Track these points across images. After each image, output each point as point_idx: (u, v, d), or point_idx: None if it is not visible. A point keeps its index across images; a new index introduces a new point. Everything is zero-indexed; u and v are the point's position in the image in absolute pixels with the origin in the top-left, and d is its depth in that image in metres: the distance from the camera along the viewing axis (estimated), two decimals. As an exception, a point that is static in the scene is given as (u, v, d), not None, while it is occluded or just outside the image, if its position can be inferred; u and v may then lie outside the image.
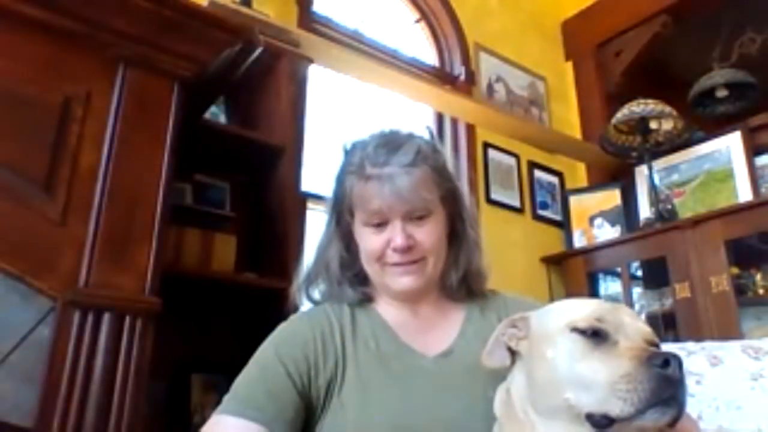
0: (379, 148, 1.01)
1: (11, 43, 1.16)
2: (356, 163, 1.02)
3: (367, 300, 1.08)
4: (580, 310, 0.81)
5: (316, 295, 1.11)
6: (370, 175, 0.99)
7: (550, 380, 0.79)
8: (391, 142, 1.02)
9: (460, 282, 1.08)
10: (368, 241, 1.02)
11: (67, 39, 1.22)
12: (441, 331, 1.06)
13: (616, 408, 0.70)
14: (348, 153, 1.07)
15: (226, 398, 0.95)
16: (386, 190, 0.98)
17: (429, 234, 1.01)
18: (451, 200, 1.07)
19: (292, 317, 1.07)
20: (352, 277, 1.08)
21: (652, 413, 0.69)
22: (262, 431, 0.90)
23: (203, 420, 0.99)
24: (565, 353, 0.77)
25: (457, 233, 1.08)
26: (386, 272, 1.02)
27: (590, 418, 0.73)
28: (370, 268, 1.05)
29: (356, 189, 1.02)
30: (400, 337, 1.03)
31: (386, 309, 1.07)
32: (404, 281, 1.02)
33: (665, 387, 0.70)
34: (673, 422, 0.71)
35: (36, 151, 1.14)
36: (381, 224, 1.00)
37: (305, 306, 1.13)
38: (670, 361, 0.71)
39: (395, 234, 0.99)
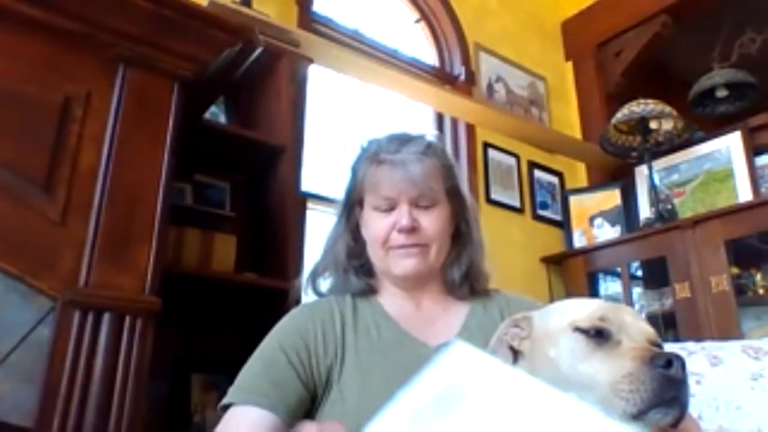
0: (393, 139, 1.09)
1: (11, 43, 1.16)
2: (370, 151, 1.09)
3: (370, 292, 1.11)
4: (583, 309, 0.81)
5: (323, 288, 1.14)
6: (383, 159, 1.06)
7: (552, 380, 0.78)
8: (404, 136, 1.10)
9: (463, 279, 1.10)
10: (375, 224, 1.06)
11: (67, 39, 1.22)
12: (443, 323, 1.07)
13: (618, 408, 0.70)
14: (364, 148, 1.13)
15: (231, 390, 0.97)
16: (397, 174, 1.03)
17: (434, 221, 1.05)
18: (456, 198, 1.10)
19: (293, 310, 1.10)
20: (359, 266, 1.11)
21: (654, 414, 0.69)
22: (269, 416, 0.92)
23: (203, 420, 0.99)
24: (568, 353, 0.77)
25: (462, 233, 1.12)
26: (389, 256, 1.05)
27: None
28: (375, 254, 1.08)
29: (368, 174, 1.07)
30: (402, 327, 1.05)
31: (389, 300, 1.09)
32: (406, 264, 1.04)
33: (668, 387, 0.69)
34: (676, 423, 0.71)
35: (36, 151, 1.14)
36: (389, 210, 1.05)
37: (310, 298, 1.14)
38: (672, 361, 0.70)
39: (401, 215, 1.03)
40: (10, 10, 1.15)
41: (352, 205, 1.12)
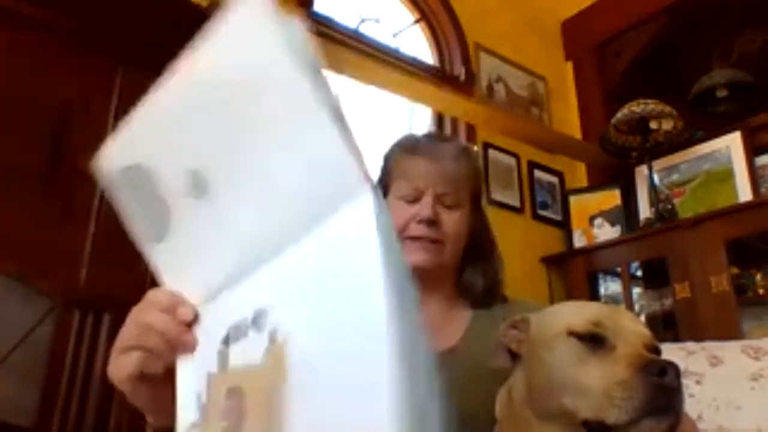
0: (431, 136, 1.13)
1: (11, 43, 1.16)
2: (406, 143, 1.11)
3: None
4: (579, 313, 0.80)
5: None
6: (419, 150, 1.07)
7: (547, 384, 0.78)
8: (441, 135, 1.13)
9: (488, 291, 1.10)
10: (396, 212, 1.05)
11: (67, 39, 1.22)
12: (447, 328, 1.06)
13: (611, 415, 0.69)
14: (399, 141, 1.14)
15: None
16: (431, 166, 1.05)
17: (454, 222, 1.05)
18: (478, 207, 1.12)
19: None
20: None
21: (647, 422, 0.69)
22: None
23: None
24: (562, 358, 0.77)
25: (485, 243, 1.13)
26: (405, 246, 1.04)
27: (586, 423, 0.73)
28: None
29: (401, 162, 1.08)
30: None
31: None
32: (419, 257, 1.03)
33: (661, 396, 0.69)
34: (670, 431, 0.71)
35: (36, 152, 1.14)
36: (413, 201, 1.05)
37: None
38: (666, 369, 0.70)
39: (424, 206, 1.03)
40: (10, 10, 1.15)
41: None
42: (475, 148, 1.28)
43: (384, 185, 1.10)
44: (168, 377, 0.56)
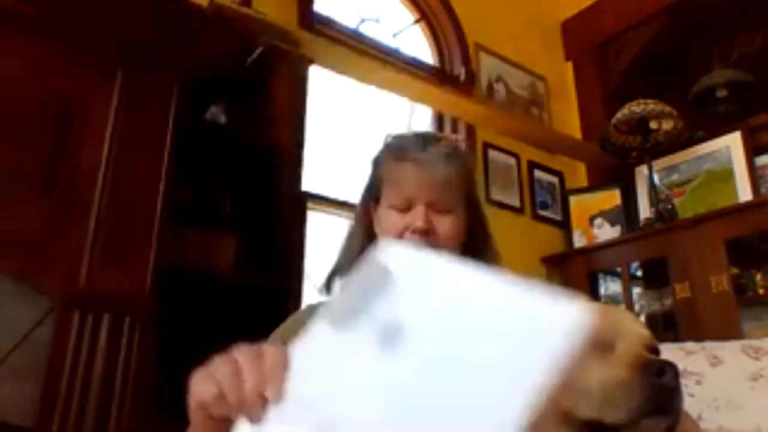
0: (419, 137, 1.08)
1: (11, 43, 1.16)
2: (395, 146, 1.07)
3: None
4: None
5: (338, 288, 1.12)
6: (407, 157, 1.03)
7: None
8: (430, 135, 1.10)
9: None
10: (389, 222, 1.04)
11: (67, 39, 1.22)
12: None
13: (610, 415, 0.70)
14: (387, 143, 1.11)
15: None
16: (421, 174, 1.02)
17: (448, 227, 1.03)
18: (472, 205, 1.10)
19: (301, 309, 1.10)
20: None
21: (646, 422, 0.69)
22: None
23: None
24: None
25: (477, 241, 1.11)
26: None
27: (586, 423, 0.73)
28: None
29: (390, 169, 1.05)
30: None
31: None
32: None
33: (660, 396, 0.69)
34: (669, 430, 0.71)
35: (36, 152, 1.14)
36: (405, 209, 1.03)
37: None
38: (665, 369, 0.70)
39: (417, 217, 1.01)
40: (10, 10, 1.15)
41: (369, 202, 1.10)
42: (465, 141, 1.24)
43: (375, 191, 1.08)
44: (226, 421, 0.55)
